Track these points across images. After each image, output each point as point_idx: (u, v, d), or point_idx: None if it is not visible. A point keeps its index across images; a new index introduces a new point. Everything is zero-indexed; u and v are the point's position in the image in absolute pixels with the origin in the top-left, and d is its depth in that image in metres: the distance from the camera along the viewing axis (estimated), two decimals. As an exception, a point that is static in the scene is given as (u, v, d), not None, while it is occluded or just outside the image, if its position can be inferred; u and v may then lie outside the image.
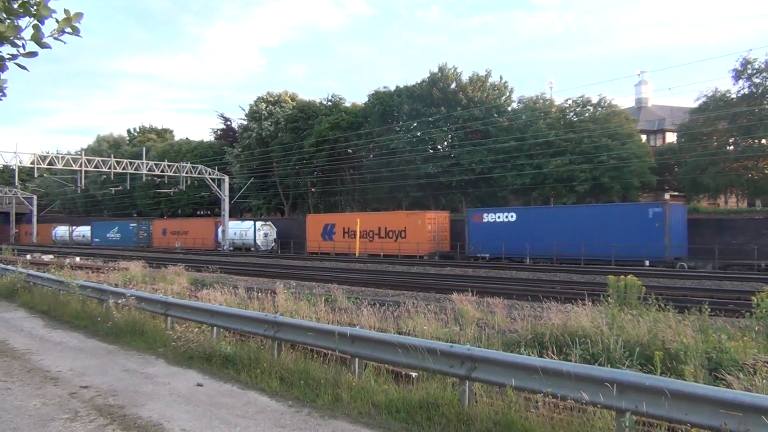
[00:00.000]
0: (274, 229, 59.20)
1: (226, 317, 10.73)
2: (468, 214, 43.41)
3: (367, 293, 20.09)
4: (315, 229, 52.99)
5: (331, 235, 51.45)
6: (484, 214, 42.08)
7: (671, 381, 5.68)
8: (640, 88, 62.43)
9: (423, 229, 44.97)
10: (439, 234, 45.71)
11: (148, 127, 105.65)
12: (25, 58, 3.37)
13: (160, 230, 72.22)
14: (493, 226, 40.89)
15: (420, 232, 44.98)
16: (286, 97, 66.69)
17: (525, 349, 8.82)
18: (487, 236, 40.75)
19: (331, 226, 51.77)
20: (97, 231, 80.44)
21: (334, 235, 51.31)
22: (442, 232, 46.31)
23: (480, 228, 41.54)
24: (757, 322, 9.66)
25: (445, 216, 47.63)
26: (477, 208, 45.70)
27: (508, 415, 6.36)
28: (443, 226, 46.57)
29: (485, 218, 41.54)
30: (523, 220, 39.87)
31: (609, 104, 47.13)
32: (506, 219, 40.57)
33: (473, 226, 42.07)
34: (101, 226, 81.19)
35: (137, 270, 24.18)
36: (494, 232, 40.51)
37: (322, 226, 52.34)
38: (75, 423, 6.76)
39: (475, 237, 41.69)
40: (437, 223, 45.94)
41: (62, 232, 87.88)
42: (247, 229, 58.63)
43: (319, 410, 7.21)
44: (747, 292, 18.26)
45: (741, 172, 41.61)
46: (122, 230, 76.87)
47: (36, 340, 11.88)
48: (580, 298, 11.90)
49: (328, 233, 51.66)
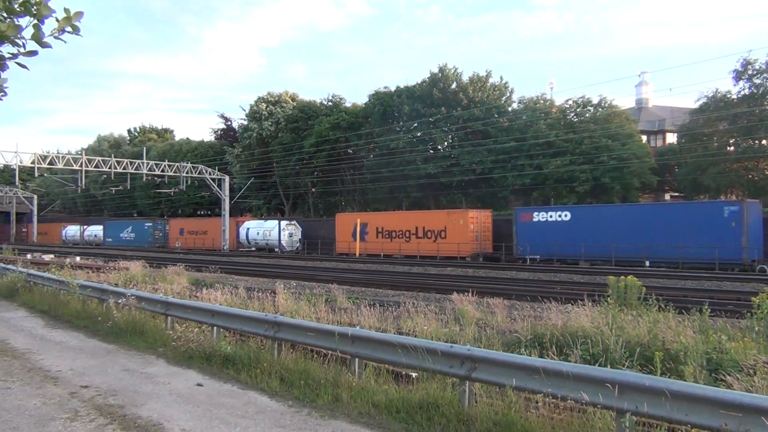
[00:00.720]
0: (299, 229, 56.96)
1: (227, 317, 10.72)
2: (515, 214, 40.93)
3: (367, 293, 20.09)
4: (345, 229, 50.16)
5: (363, 235, 48.52)
6: (534, 213, 39.60)
7: (671, 381, 5.67)
8: (640, 89, 62.48)
9: (465, 229, 42.20)
10: (481, 234, 42.99)
11: (149, 127, 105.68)
12: (25, 57, 3.37)
13: (177, 230, 69.32)
14: (544, 226, 38.40)
15: (461, 232, 42.21)
16: (286, 98, 66.72)
17: (525, 349, 8.82)
18: (537, 237, 38.39)
19: (363, 225, 48.84)
20: (110, 231, 78.17)
21: (366, 235, 48.41)
22: (485, 232, 43.51)
23: (529, 228, 39.11)
24: (757, 323, 9.66)
25: (487, 215, 44.81)
26: (525, 207, 43.41)
27: (508, 415, 6.36)
28: (485, 226, 43.71)
29: (535, 217, 39.04)
30: (578, 220, 37.35)
31: (609, 105, 47.17)
32: (559, 218, 38.02)
33: (521, 225, 39.58)
34: (114, 226, 78.65)
35: (137, 270, 24.18)
36: (545, 233, 38.08)
37: (354, 226, 49.33)
38: (75, 422, 6.76)
39: (524, 237, 39.24)
40: (479, 222, 43.12)
41: (73, 231, 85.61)
42: (271, 229, 56.02)
43: (319, 410, 7.20)
44: (747, 293, 18.28)
45: (741, 173, 41.66)
46: (137, 230, 74.10)
47: (36, 340, 11.88)
48: (580, 299, 11.90)
49: (361, 233, 48.70)
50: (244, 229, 58.29)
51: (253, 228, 57.48)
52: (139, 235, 72.61)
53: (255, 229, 57.34)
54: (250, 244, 57.76)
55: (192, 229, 67.65)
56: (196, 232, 66.44)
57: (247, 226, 58.55)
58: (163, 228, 71.21)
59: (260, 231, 56.77)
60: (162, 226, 71.50)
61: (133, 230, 74.30)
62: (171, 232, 70.15)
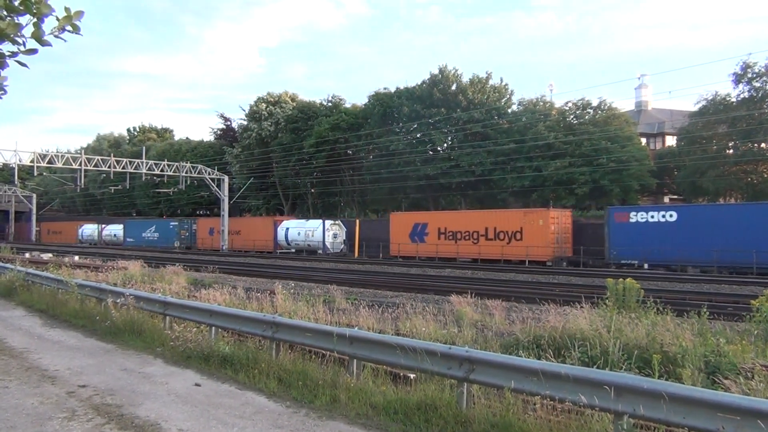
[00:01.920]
0: (343, 230, 53.27)
1: (225, 317, 10.72)
2: (608, 214, 36.95)
3: (366, 294, 20.08)
4: (401, 230, 46.41)
5: (422, 236, 44.89)
6: (632, 213, 35.97)
7: (669, 384, 5.68)
8: (640, 92, 62.55)
9: (545, 231, 38.34)
10: (561, 236, 39.24)
11: (148, 126, 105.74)
12: (25, 55, 3.37)
13: (206, 230, 64.85)
14: (644, 228, 34.76)
15: (541, 234, 38.38)
16: (286, 98, 66.77)
17: (523, 351, 8.82)
18: (636, 239, 34.62)
19: (423, 226, 45.11)
20: (131, 230, 74.47)
21: (426, 236, 44.68)
22: (565, 234, 39.77)
23: (625, 230, 35.41)
24: (755, 326, 9.67)
25: (567, 215, 41.01)
26: (621, 207, 39.97)
27: (505, 417, 6.36)
28: (565, 227, 39.99)
29: (633, 218, 35.44)
30: (687, 221, 33.55)
31: (609, 107, 47.23)
32: (663, 219, 34.39)
33: (616, 227, 35.87)
34: (136, 225, 75.16)
35: (136, 269, 24.15)
36: (646, 235, 34.37)
37: (411, 226, 45.80)
38: (72, 422, 6.75)
39: (619, 240, 35.44)
40: (560, 223, 39.48)
41: (90, 231, 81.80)
42: (314, 229, 52.30)
43: (317, 411, 7.20)
44: (746, 296, 18.30)
45: (740, 176, 41.72)
46: (161, 229, 69.97)
47: (34, 339, 11.86)
48: (579, 301, 11.90)
49: (419, 234, 45.16)
50: (283, 229, 55.00)
51: (294, 228, 54.31)
52: (163, 235, 68.79)
53: (295, 229, 54.09)
54: (289, 245, 54.55)
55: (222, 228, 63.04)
56: (228, 232, 61.93)
57: (287, 226, 55.17)
58: (190, 227, 67.14)
59: (301, 231, 53.41)
60: (188, 226, 67.39)
61: (157, 230, 70.58)
62: (199, 232, 66.13)
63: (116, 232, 76.99)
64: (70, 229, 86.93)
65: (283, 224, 55.63)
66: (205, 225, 66.12)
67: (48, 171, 76.86)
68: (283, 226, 55.36)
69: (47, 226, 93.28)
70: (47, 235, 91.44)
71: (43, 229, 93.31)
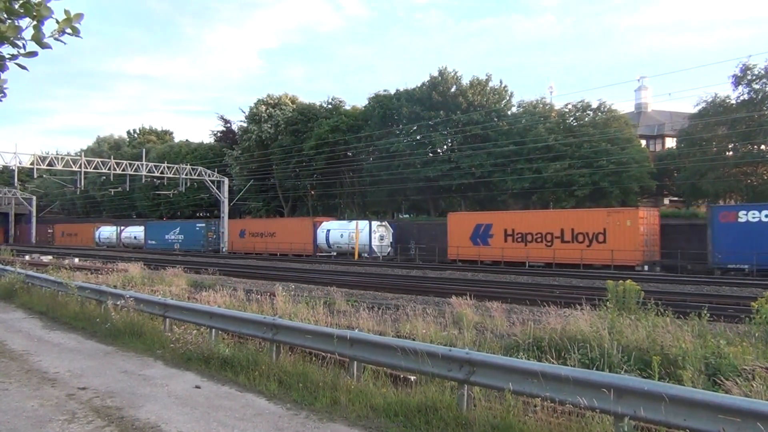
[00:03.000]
0: (390, 231, 50.12)
1: (225, 319, 10.71)
2: (711, 213, 33.47)
3: (366, 296, 20.07)
4: (461, 231, 43.06)
5: (485, 238, 41.57)
6: (740, 212, 32.25)
7: (670, 386, 5.67)
8: (639, 93, 62.59)
9: (633, 232, 34.88)
10: (650, 238, 35.99)
11: (148, 128, 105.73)
12: (25, 58, 3.38)
13: (237, 231, 61.52)
14: (757, 229, 31.01)
15: (629, 236, 34.88)
16: (286, 100, 66.79)
17: (524, 353, 8.81)
18: (746, 242, 30.90)
19: (487, 227, 41.70)
20: (152, 232, 70.36)
21: (490, 238, 41.37)
22: (653, 236, 36.43)
23: (733, 230, 31.80)
24: (756, 328, 9.66)
25: (654, 215, 37.75)
26: (727, 205, 36.88)
27: (506, 419, 6.35)
28: (653, 228, 36.74)
29: (742, 217, 31.80)
30: None
31: (609, 109, 47.23)
32: None
33: (721, 227, 32.43)
34: (158, 227, 71.13)
35: (136, 271, 24.16)
36: (760, 237, 30.70)
37: (473, 227, 42.41)
38: (72, 424, 6.75)
39: (726, 242, 31.91)
40: (648, 223, 36.27)
41: (108, 233, 77.77)
42: (359, 231, 48.84)
43: (317, 413, 7.20)
44: (746, 298, 18.29)
45: (740, 178, 41.70)
46: (186, 231, 66.20)
47: (34, 341, 11.86)
48: (579, 303, 11.90)
49: (482, 236, 41.80)
50: (323, 231, 51.69)
51: (335, 230, 50.85)
52: (189, 238, 65.19)
53: (337, 231, 50.55)
54: (330, 248, 51.09)
55: (256, 230, 59.65)
56: (262, 234, 58.39)
57: (327, 228, 51.75)
58: (217, 229, 63.66)
59: (344, 233, 49.74)
60: (216, 227, 63.90)
61: (182, 231, 66.72)
62: (229, 233, 62.47)
63: (137, 234, 73.17)
64: (86, 231, 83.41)
65: (324, 226, 52.43)
66: (235, 226, 62.60)
67: (48, 173, 76.75)
68: (323, 227, 52.19)
69: (61, 227, 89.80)
70: (61, 237, 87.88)
71: (57, 231, 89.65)
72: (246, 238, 59.67)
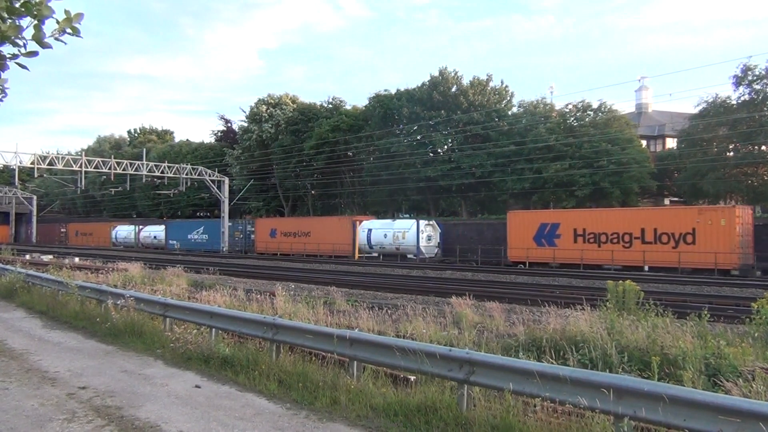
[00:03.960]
0: (437, 231, 46.64)
1: (225, 319, 10.72)
2: None
3: (366, 296, 20.06)
4: (523, 230, 39.49)
5: (551, 239, 38.13)
6: None
7: (669, 386, 5.67)
8: (640, 94, 62.58)
9: (728, 233, 31.86)
10: (745, 239, 32.83)
11: (149, 128, 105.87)
12: (26, 57, 3.38)
13: (267, 231, 57.43)
14: None
15: (722, 237, 31.89)
16: (286, 100, 66.84)
17: (523, 353, 8.81)
18: None
19: (553, 226, 38.28)
20: (174, 232, 66.81)
21: (557, 238, 37.89)
22: (747, 237, 33.26)
23: None
24: (756, 329, 9.66)
25: (748, 214, 34.24)
26: None
27: (506, 419, 6.35)
28: (748, 228, 33.46)
29: None
30: None
31: (609, 109, 47.27)
32: None
33: None
34: (180, 226, 67.68)
35: (136, 271, 24.17)
36: None
37: (537, 227, 38.92)
38: (72, 424, 6.75)
39: None
40: (744, 223, 33.10)
41: (125, 233, 74.59)
42: (405, 231, 45.13)
43: (317, 413, 7.20)
44: (746, 299, 18.27)
45: (741, 179, 41.71)
46: (210, 231, 62.73)
47: (34, 341, 11.86)
48: (579, 303, 11.90)
49: (547, 236, 38.41)
50: (364, 230, 48.10)
51: (378, 229, 47.41)
52: (213, 237, 61.77)
53: (380, 231, 47.10)
54: (372, 249, 47.56)
55: (289, 230, 55.36)
56: (295, 233, 54.31)
57: (369, 227, 48.19)
58: (245, 228, 60.51)
59: (388, 233, 46.13)
60: (243, 227, 60.79)
61: (206, 231, 63.35)
62: (258, 233, 58.53)
63: (157, 233, 69.54)
64: (102, 230, 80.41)
65: (364, 225, 48.80)
66: (265, 226, 58.62)
67: (48, 173, 76.77)
68: (364, 227, 48.52)
69: (75, 227, 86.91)
70: (75, 237, 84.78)
71: (71, 231, 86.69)
72: (277, 237, 55.95)
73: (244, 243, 59.68)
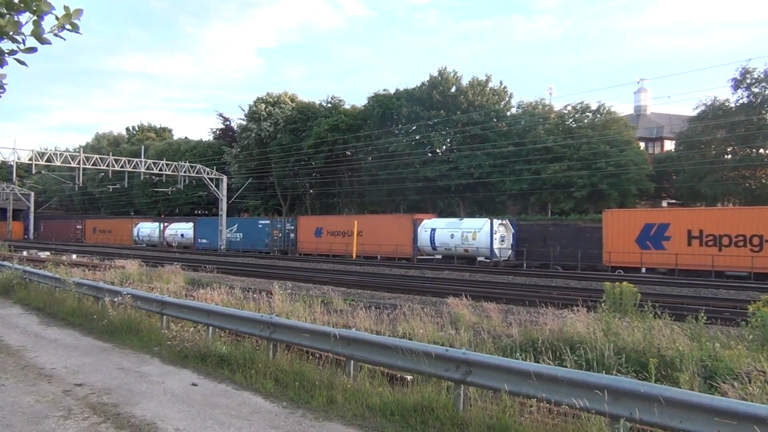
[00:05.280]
0: (511, 231, 41.90)
1: (222, 317, 10.71)
2: None
3: (364, 296, 20.06)
4: (623, 232, 35.19)
5: (658, 241, 33.78)
6: None
7: (666, 388, 5.68)
8: (639, 96, 62.62)
9: None
10: None
11: (147, 125, 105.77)
12: (24, 53, 3.37)
13: (311, 230, 53.14)
14: None
15: None
16: (285, 98, 66.81)
17: (520, 354, 8.81)
18: None
19: (661, 227, 33.87)
20: (203, 230, 62.20)
21: (665, 240, 33.50)
22: None
23: None
24: (751, 331, 9.68)
25: None
26: None
27: (502, 419, 6.36)
28: None
29: None
30: None
31: (608, 111, 47.33)
32: None
33: None
34: (211, 224, 62.57)
35: (134, 268, 24.13)
36: None
37: (640, 228, 34.57)
38: (68, 421, 6.74)
39: None
40: None
41: (149, 230, 69.91)
42: (475, 230, 40.67)
43: (313, 412, 7.20)
44: (743, 301, 18.29)
45: (739, 181, 41.81)
46: (245, 229, 58.02)
47: (31, 337, 11.84)
48: (576, 304, 11.91)
49: (653, 238, 34.06)
50: (427, 230, 43.70)
51: (443, 229, 42.74)
52: (249, 236, 56.84)
53: (446, 231, 42.44)
54: (435, 250, 43.29)
55: (337, 228, 51.03)
56: (343, 233, 50.11)
57: (432, 227, 43.61)
58: (284, 227, 55.72)
59: (456, 233, 41.65)
60: (282, 225, 55.92)
61: (241, 229, 58.54)
62: (301, 233, 54.30)
63: (184, 231, 64.73)
64: (122, 227, 75.84)
65: (426, 224, 44.30)
66: (309, 224, 54.19)
67: (46, 169, 76.60)
68: (425, 226, 44.10)
69: (93, 223, 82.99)
70: (93, 234, 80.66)
71: (88, 228, 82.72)
72: (323, 237, 51.54)
73: (283, 243, 55.15)
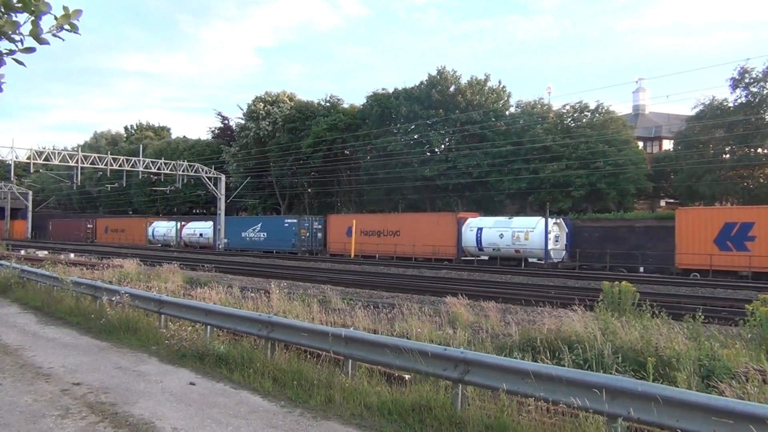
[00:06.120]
0: (565, 231, 39.29)
1: (220, 316, 10.71)
2: None
3: (362, 295, 20.07)
4: (699, 232, 32.23)
5: (740, 242, 30.89)
6: None
7: (663, 387, 5.69)
8: (637, 95, 62.63)
9: None
10: None
11: (146, 124, 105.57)
12: (23, 53, 3.36)
13: (342, 229, 50.34)
14: None
15: None
16: (284, 97, 66.70)
17: (518, 353, 8.83)
18: None
19: (744, 226, 30.82)
20: (225, 229, 58.81)
21: (749, 241, 30.59)
22: None
23: None
24: (749, 330, 9.70)
25: None
26: None
27: (500, 418, 6.37)
28: None
29: None
30: None
31: (606, 110, 47.28)
32: None
33: None
34: (233, 223, 59.36)
35: (132, 267, 24.11)
36: None
37: (719, 227, 31.65)
38: (66, 420, 6.74)
39: None
40: None
41: (164, 229, 66.92)
42: (528, 230, 38.05)
43: (311, 411, 7.20)
44: (741, 300, 18.34)
45: (737, 181, 41.83)
46: (270, 228, 54.81)
47: (29, 336, 11.83)
48: (574, 304, 11.92)
49: (735, 238, 31.13)
50: (473, 229, 40.88)
51: (491, 228, 39.78)
52: (274, 236, 53.48)
53: (494, 230, 39.48)
54: (482, 251, 40.41)
55: (372, 228, 48.27)
56: (379, 232, 47.35)
57: (478, 225, 40.86)
58: (311, 226, 52.93)
59: (505, 233, 38.82)
60: (309, 224, 52.95)
61: (265, 228, 55.40)
62: (331, 233, 51.84)
63: (203, 231, 61.68)
64: (136, 226, 73.46)
65: (471, 223, 41.41)
66: (340, 223, 51.09)
67: (45, 168, 76.41)
68: (471, 225, 41.21)
69: (105, 222, 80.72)
70: (104, 233, 78.18)
71: (99, 227, 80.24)
72: (357, 236, 49.15)
73: (311, 242, 52.57)
